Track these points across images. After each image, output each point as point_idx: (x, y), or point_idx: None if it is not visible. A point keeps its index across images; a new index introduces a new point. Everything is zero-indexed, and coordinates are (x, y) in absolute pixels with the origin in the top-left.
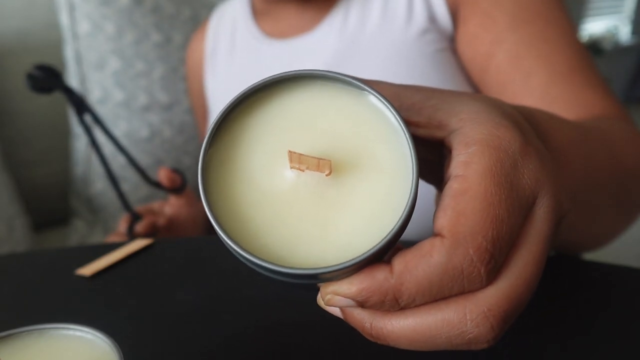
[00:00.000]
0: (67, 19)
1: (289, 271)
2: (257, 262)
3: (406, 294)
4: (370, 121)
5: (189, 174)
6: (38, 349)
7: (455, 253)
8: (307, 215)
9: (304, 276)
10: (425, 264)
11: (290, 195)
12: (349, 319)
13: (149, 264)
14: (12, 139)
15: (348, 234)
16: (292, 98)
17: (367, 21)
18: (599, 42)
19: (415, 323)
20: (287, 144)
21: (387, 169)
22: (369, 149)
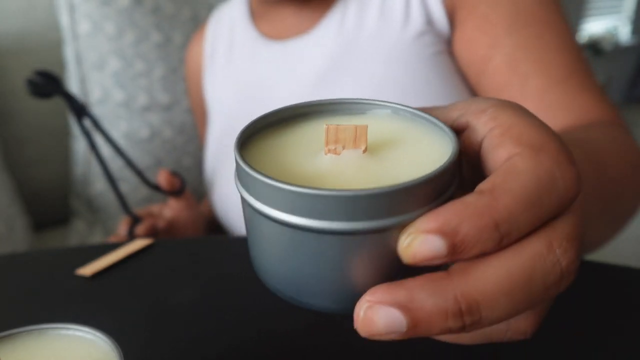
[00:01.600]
0: (67, 19)
1: (352, 194)
2: (315, 193)
3: (506, 213)
4: (405, 124)
5: (189, 174)
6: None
7: (539, 158)
8: (351, 184)
9: (365, 198)
10: (515, 175)
11: (332, 175)
12: (422, 317)
13: (149, 264)
14: (12, 139)
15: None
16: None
17: (364, 23)
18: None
19: (508, 267)
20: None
21: (424, 139)
22: (405, 133)
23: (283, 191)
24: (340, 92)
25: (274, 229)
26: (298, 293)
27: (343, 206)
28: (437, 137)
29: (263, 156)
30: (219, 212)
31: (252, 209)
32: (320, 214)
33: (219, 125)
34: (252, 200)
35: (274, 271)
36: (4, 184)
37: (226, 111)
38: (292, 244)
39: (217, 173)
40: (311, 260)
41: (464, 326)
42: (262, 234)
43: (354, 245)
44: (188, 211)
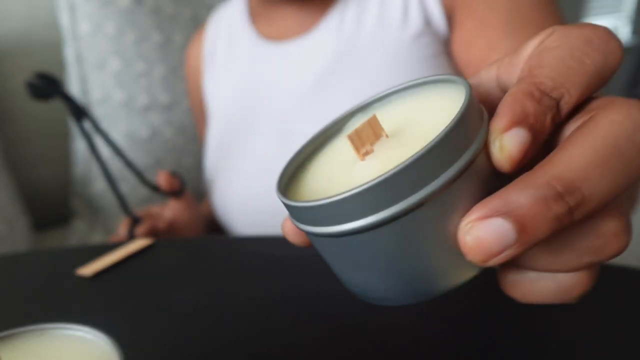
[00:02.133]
0: (68, 19)
1: (392, 172)
2: (353, 192)
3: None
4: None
5: (189, 174)
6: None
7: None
8: (374, 174)
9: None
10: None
11: (361, 171)
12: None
13: (149, 264)
14: (13, 139)
15: None
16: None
17: (363, 24)
18: None
19: (590, 142)
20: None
21: (438, 99)
22: (418, 104)
23: (334, 205)
24: (339, 93)
25: (340, 244)
26: (404, 293)
27: (390, 189)
28: (449, 91)
29: (308, 190)
30: (219, 212)
31: (327, 237)
32: (373, 207)
33: (218, 126)
34: (314, 228)
35: (350, 280)
36: (4, 184)
37: (226, 112)
38: (366, 249)
39: (217, 173)
40: (378, 257)
41: (570, 210)
42: (343, 254)
43: (422, 221)
44: (188, 211)
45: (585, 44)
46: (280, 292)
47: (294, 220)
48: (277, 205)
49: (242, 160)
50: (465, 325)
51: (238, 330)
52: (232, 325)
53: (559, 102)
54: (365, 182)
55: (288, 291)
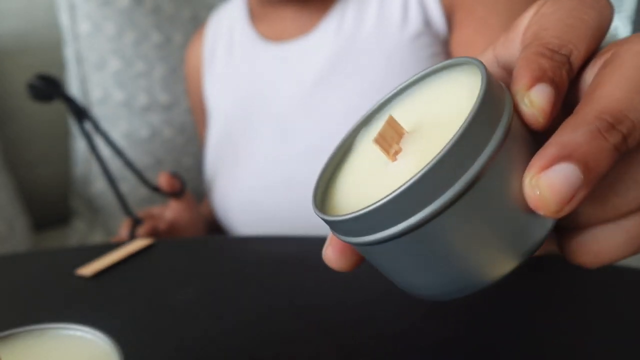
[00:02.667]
0: (68, 19)
1: (426, 169)
2: (386, 199)
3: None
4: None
5: (189, 174)
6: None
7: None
8: (411, 172)
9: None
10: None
11: (395, 171)
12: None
13: (149, 264)
14: (13, 139)
15: None
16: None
17: (363, 24)
18: None
19: (625, 71)
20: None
21: (454, 85)
22: (433, 93)
23: (374, 212)
24: (338, 93)
25: (393, 247)
26: (456, 285)
27: (437, 177)
28: (457, 74)
29: (345, 203)
30: (219, 212)
31: (371, 246)
32: (423, 200)
33: (218, 126)
34: (363, 239)
35: (424, 282)
36: (4, 184)
37: (225, 112)
38: (414, 250)
39: (216, 174)
40: (440, 248)
41: (624, 137)
42: (390, 258)
43: (475, 203)
44: (188, 212)
45: (579, 3)
46: (280, 291)
47: (341, 236)
48: (276, 205)
49: (242, 160)
50: (466, 326)
51: (238, 330)
52: (232, 325)
53: (569, 57)
54: (407, 178)
55: (288, 291)
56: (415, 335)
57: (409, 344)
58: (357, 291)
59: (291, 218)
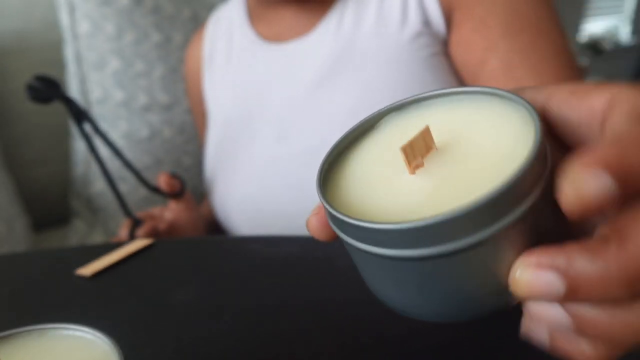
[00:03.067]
0: (67, 19)
1: (432, 221)
2: (395, 228)
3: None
4: (474, 114)
5: (189, 174)
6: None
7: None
8: (428, 196)
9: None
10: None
11: (420, 200)
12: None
13: (149, 264)
14: (12, 139)
15: (477, 187)
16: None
17: (362, 25)
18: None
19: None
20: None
21: (508, 133)
22: (481, 128)
23: (380, 231)
24: (337, 94)
25: (377, 262)
26: (413, 311)
27: (452, 227)
28: (499, 106)
29: (350, 196)
30: (219, 213)
31: (357, 250)
32: (417, 242)
33: (217, 126)
34: (355, 242)
35: (390, 296)
36: (4, 184)
37: (225, 113)
38: (402, 273)
39: (216, 174)
40: (427, 283)
41: (634, 294)
42: (372, 268)
43: (476, 258)
44: (188, 213)
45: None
46: (280, 291)
47: (337, 229)
48: (276, 206)
49: (241, 161)
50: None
51: (238, 330)
52: (232, 325)
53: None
54: (423, 209)
55: (288, 291)
56: (415, 335)
57: (410, 344)
58: (358, 291)
59: (291, 218)
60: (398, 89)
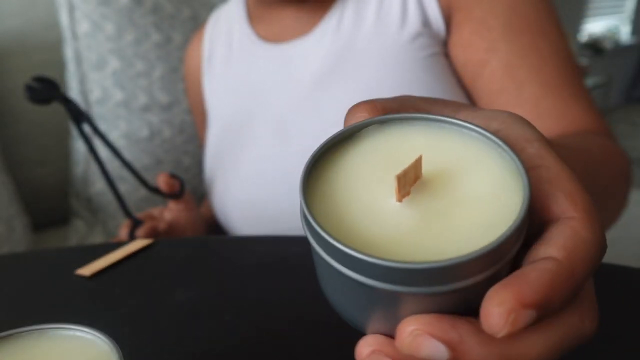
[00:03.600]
0: (67, 19)
1: (413, 266)
2: (370, 261)
3: (579, 283)
4: (459, 146)
5: (188, 174)
6: (38, 349)
7: (595, 228)
8: (412, 228)
9: (425, 272)
10: (582, 245)
11: (394, 213)
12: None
13: (149, 264)
14: (12, 139)
15: (464, 233)
16: (384, 135)
17: (361, 25)
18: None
19: (549, 338)
20: (383, 169)
21: (492, 175)
22: (466, 164)
23: (353, 257)
24: (337, 94)
25: (339, 277)
26: (353, 320)
27: (407, 276)
28: (488, 147)
29: (332, 213)
30: (219, 213)
31: (322, 259)
32: (386, 279)
33: (217, 126)
34: (324, 255)
35: (336, 301)
36: (4, 184)
37: (224, 113)
38: (351, 290)
39: (215, 175)
40: (370, 303)
41: (536, 318)
42: (329, 277)
43: (413, 300)
44: (188, 213)
45: (601, 253)
46: (280, 292)
47: (313, 242)
48: (275, 207)
49: (240, 161)
50: None
51: (238, 330)
52: (232, 325)
53: (568, 305)
54: (406, 229)
55: (288, 291)
56: None
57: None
58: None
59: (290, 218)
60: (397, 89)
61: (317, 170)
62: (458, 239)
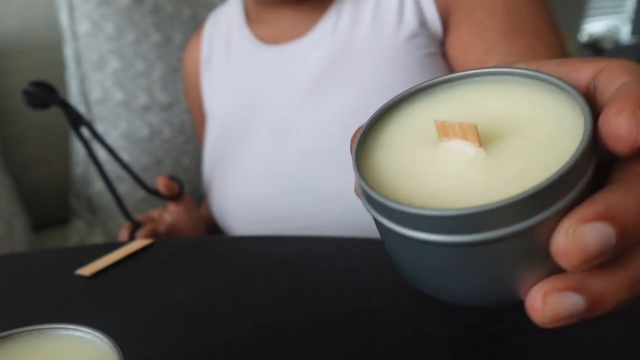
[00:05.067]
0: (67, 18)
1: (461, 212)
2: (421, 213)
3: None
4: (522, 98)
5: (188, 174)
6: (38, 349)
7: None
8: (462, 181)
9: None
10: None
11: (439, 162)
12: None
13: (149, 264)
14: (12, 139)
15: (511, 179)
16: (445, 94)
17: (358, 26)
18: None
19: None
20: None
21: (547, 111)
22: (522, 105)
23: (419, 216)
24: (335, 95)
25: (422, 248)
26: (454, 296)
27: (478, 220)
28: (561, 104)
29: (383, 168)
30: (217, 213)
31: (394, 233)
32: (460, 229)
33: (216, 127)
34: (395, 226)
35: (429, 282)
36: (4, 184)
37: (223, 114)
38: (442, 259)
39: (214, 176)
40: (467, 269)
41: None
42: (413, 253)
43: (501, 251)
44: (187, 215)
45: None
46: (280, 292)
47: (374, 212)
48: (274, 207)
49: (239, 162)
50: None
51: (238, 330)
52: (232, 325)
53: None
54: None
55: (288, 291)
56: (415, 335)
57: (410, 344)
58: (358, 291)
59: (289, 219)
60: (395, 89)
61: (370, 140)
62: (520, 180)
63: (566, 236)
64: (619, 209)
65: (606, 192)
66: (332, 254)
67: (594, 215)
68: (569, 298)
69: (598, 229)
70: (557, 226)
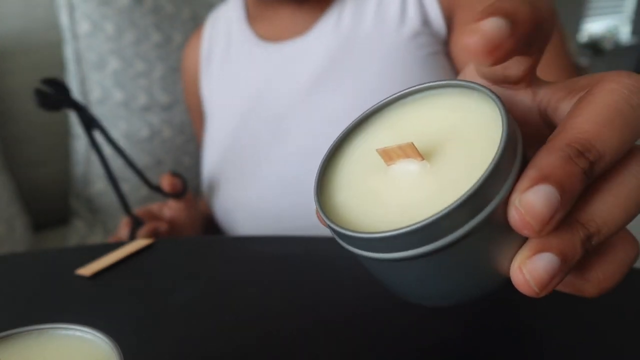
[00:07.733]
0: (67, 19)
1: (415, 227)
2: (381, 236)
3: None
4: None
5: (189, 174)
6: (38, 349)
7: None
8: (407, 197)
9: (427, 228)
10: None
11: (391, 185)
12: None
13: (149, 264)
14: (12, 139)
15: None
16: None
17: (361, 24)
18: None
19: (597, 109)
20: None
21: (474, 117)
22: (458, 131)
23: (374, 239)
24: (336, 93)
25: (392, 266)
26: (432, 299)
27: (440, 226)
28: (491, 107)
29: (345, 194)
30: (219, 212)
31: (365, 258)
32: (428, 239)
33: (216, 126)
34: (372, 254)
35: (413, 293)
36: (4, 184)
37: (223, 113)
38: (405, 273)
39: (214, 174)
40: (449, 273)
41: (591, 164)
42: (382, 271)
43: (473, 246)
44: (187, 212)
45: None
46: (280, 291)
47: (343, 244)
48: (274, 206)
49: (239, 161)
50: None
51: (238, 330)
52: (232, 325)
53: (593, 165)
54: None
55: (288, 291)
56: (415, 335)
57: (410, 344)
58: (358, 291)
59: (289, 218)
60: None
61: (328, 173)
62: (468, 178)
63: (516, 209)
64: (547, 168)
65: (533, 160)
66: (332, 254)
67: (530, 182)
68: (541, 260)
69: (539, 191)
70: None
